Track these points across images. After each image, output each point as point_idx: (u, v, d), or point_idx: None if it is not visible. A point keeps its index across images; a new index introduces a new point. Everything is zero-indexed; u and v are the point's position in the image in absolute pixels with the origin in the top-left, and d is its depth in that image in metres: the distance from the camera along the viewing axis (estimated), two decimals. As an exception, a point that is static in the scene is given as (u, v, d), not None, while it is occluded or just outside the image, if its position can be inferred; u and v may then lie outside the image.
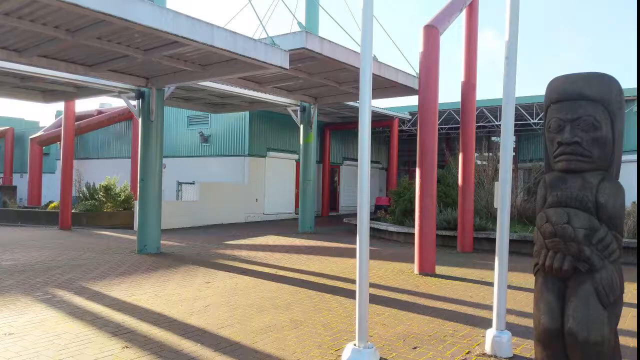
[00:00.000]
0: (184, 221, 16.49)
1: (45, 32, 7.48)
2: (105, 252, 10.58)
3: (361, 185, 4.14)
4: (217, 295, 6.66)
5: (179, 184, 20.36)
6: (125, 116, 21.42)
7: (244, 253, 10.71)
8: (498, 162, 15.56)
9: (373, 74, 11.70)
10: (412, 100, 19.76)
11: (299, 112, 15.60)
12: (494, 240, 11.57)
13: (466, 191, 11.17)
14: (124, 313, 5.72)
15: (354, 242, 12.71)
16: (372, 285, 7.47)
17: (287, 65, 8.65)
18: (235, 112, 18.02)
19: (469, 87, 11.16)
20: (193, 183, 18.85)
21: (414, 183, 15.62)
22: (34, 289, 6.90)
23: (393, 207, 15.01)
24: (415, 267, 8.51)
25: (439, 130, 10.51)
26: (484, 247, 11.61)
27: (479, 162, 14.50)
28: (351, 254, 10.91)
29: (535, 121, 19.24)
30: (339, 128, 23.66)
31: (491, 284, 7.67)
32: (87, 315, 5.63)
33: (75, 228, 15.74)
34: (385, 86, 13.19)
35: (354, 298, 6.66)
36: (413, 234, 12.20)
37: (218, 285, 7.28)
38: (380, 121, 22.90)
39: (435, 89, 8.54)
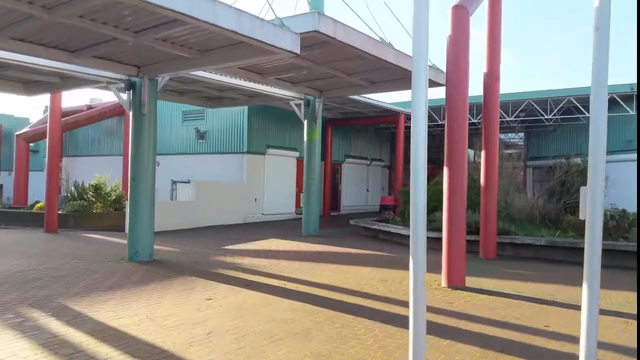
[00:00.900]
0: (179, 222, 15.43)
1: (18, 9, 6.41)
2: (93, 259, 9.52)
3: (416, 200, 3.11)
4: (220, 317, 5.65)
5: (174, 183, 19.28)
6: (116, 111, 20.33)
7: (246, 260, 9.69)
8: (517, 160, 14.83)
9: (389, 62, 10.73)
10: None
11: (302, 107, 14.56)
12: (518, 245, 10.77)
13: (489, 193, 10.21)
14: (110, 344, 4.70)
15: (365, 247, 11.82)
16: (398, 302, 6.49)
17: (298, 50, 7.60)
18: (233, 106, 16.95)
19: (492, 78, 10.19)
20: (189, 182, 17.78)
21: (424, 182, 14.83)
22: (6, 309, 5.86)
23: (402, 208, 14.11)
24: (443, 279, 7.52)
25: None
26: (507, 252, 10.68)
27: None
28: (365, 261, 9.93)
29: (549, 117, 18.30)
30: (342, 124, 22.67)
31: (530, 299, 6.73)
32: (64, 347, 4.61)
33: (62, 230, 14.64)
34: (399, 77, 12.16)
35: (382, 321, 5.71)
36: (429, 238, 11.27)
37: (221, 304, 6.26)
38: (385, 117, 21.95)
39: (465, 75, 7.55)
